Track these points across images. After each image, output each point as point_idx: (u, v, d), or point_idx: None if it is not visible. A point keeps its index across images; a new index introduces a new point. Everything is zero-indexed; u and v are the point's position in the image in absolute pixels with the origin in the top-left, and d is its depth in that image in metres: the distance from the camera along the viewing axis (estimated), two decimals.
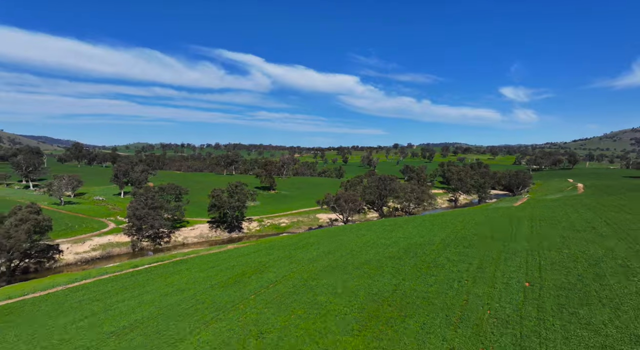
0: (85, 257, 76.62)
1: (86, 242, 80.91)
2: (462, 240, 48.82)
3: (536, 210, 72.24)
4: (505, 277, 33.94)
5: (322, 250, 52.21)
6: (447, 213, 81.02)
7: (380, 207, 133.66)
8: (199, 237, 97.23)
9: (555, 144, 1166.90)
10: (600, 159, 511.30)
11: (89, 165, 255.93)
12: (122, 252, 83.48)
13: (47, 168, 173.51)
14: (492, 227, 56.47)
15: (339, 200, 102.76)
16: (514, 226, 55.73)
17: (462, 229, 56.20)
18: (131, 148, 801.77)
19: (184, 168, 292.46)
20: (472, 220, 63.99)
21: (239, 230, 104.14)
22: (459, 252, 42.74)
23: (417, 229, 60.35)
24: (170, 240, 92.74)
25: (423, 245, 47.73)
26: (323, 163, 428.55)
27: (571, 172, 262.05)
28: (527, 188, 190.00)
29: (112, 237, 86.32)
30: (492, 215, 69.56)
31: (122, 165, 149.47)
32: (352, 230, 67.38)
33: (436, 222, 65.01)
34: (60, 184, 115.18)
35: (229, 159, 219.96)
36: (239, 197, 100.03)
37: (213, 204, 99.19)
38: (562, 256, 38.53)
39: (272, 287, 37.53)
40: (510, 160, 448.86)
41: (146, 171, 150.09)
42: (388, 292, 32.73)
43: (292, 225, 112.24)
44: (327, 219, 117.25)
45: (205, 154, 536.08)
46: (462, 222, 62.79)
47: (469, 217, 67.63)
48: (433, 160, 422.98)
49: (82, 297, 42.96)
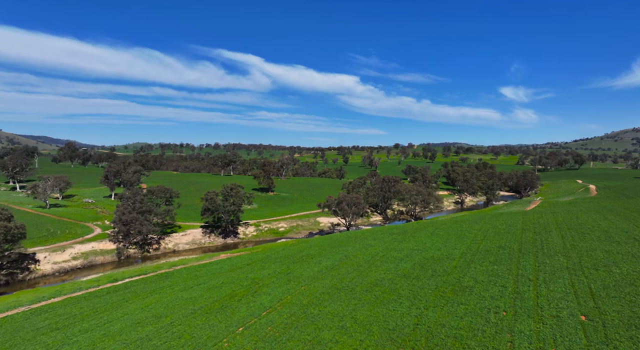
0: (64, 267, 70.04)
1: (67, 250, 74.33)
2: (486, 254, 42.33)
3: (558, 216, 65.77)
4: (552, 306, 27.43)
5: (325, 265, 45.72)
6: (460, 218, 74.46)
7: (384, 210, 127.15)
8: (190, 244, 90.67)
9: (557, 143, 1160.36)
10: (604, 159, 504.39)
11: (82, 166, 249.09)
12: (107, 261, 76.93)
13: (36, 169, 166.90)
14: (516, 236, 49.98)
15: (341, 203, 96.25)
16: (541, 236, 49.24)
17: (483, 240, 49.69)
18: (130, 148, 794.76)
19: (181, 168, 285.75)
20: (491, 228, 57.48)
21: (235, 236, 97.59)
22: (487, 271, 36.24)
23: (430, 238, 53.85)
24: (160, 247, 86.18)
25: (441, 261, 41.24)
26: (323, 163, 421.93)
27: (578, 172, 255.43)
28: (535, 189, 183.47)
29: (96, 245, 79.76)
30: (511, 221, 63.05)
31: (113, 165, 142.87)
32: (358, 239, 60.90)
33: (451, 230, 58.48)
34: (46, 186, 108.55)
35: (226, 159, 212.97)
36: (234, 200, 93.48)
37: (206, 207, 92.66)
38: (614, 277, 32.02)
39: (265, 316, 30.98)
40: (513, 160, 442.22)
41: (139, 172, 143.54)
42: (409, 327, 26.19)
43: (291, 230, 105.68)
44: (329, 223, 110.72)
45: (204, 154, 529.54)
46: (480, 230, 56.29)
47: (487, 225, 61.14)
48: (435, 161, 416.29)
49: (43, 323, 36.43)
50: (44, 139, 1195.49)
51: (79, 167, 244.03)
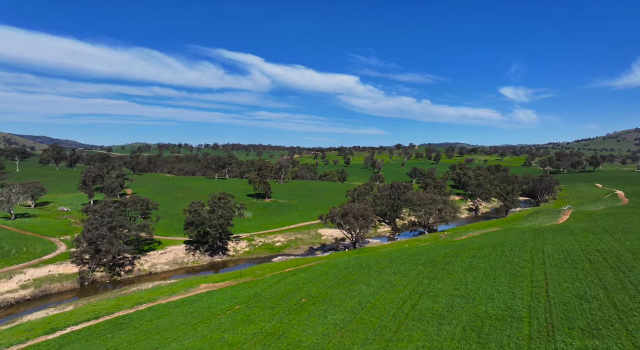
0: (7, 300, 56.89)
1: (15, 276, 61.27)
2: (566, 312, 29.20)
3: (615, 236, 52.70)
4: None
5: (333, 320, 32.68)
6: (495, 239, 61.00)
7: (393, 219, 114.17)
8: (171, 264, 77.53)
9: (558, 144, 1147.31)
10: (611, 160, 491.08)
11: (70, 168, 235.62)
12: (66, 289, 63.81)
13: (6, 173, 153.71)
14: (589, 275, 36.77)
15: (346, 216, 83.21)
16: (625, 275, 36.09)
17: (546, 280, 36.54)
18: (127, 148, 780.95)
19: (175, 170, 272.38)
20: (546, 258, 44.28)
21: (224, 253, 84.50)
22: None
23: (471, 275, 40.73)
24: (134, 269, 73.09)
25: (503, 323, 28.17)
26: (324, 165, 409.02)
27: (593, 175, 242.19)
28: (553, 194, 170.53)
29: (54, 268, 66.66)
30: (564, 245, 49.81)
31: (93, 169, 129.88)
32: (372, 270, 47.84)
33: (493, 260, 45.28)
34: (10, 194, 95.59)
35: (220, 161, 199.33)
36: (223, 212, 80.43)
37: (190, 221, 79.60)
38: None
39: None
40: (519, 162, 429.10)
41: (122, 176, 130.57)
42: None
43: (289, 244, 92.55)
44: (332, 237, 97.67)
45: (202, 155, 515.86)
46: (533, 262, 43.05)
47: (536, 251, 47.98)
48: (440, 162, 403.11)
49: None
50: (43, 139, 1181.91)
51: (65, 169, 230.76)
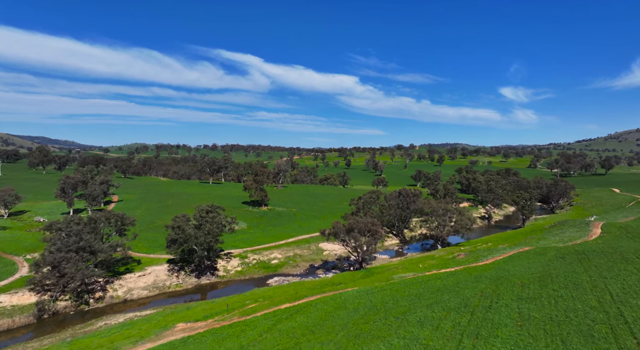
0: None
1: None
2: None
3: None
4: None
5: None
6: (535, 267, 50.30)
7: (401, 231, 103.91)
8: (150, 288, 67.15)
9: (559, 144, 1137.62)
10: (617, 161, 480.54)
11: (59, 171, 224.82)
12: (18, 325, 53.45)
13: None
14: None
15: (352, 231, 72.92)
16: None
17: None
18: (125, 149, 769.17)
19: (170, 174, 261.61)
20: (624, 307, 33.83)
21: (212, 274, 74.18)
22: None
23: (527, 333, 30.15)
24: (106, 296, 62.74)
25: None
26: (324, 167, 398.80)
27: (606, 178, 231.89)
28: (568, 200, 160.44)
29: (8, 298, 56.33)
30: (631, 281, 39.52)
31: (75, 175, 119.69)
32: (390, 318, 37.45)
33: (550, 309, 34.71)
34: None
35: (215, 164, 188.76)
36: (210, 228, 70.13)
37: (173, 238, 69.26)
38: None
39: None
40: (524, 163, 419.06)
41: (106, 183, 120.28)
42: None
43: (287, 262, 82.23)
44: (334, 253, 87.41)
45: (200, 156, 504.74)
46: (612, 315, 32.65)
47: (597, 291, 37.62)
48: (443, 164, 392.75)
49: None
50: (41, 139, 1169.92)
51: (53, 172, 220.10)
